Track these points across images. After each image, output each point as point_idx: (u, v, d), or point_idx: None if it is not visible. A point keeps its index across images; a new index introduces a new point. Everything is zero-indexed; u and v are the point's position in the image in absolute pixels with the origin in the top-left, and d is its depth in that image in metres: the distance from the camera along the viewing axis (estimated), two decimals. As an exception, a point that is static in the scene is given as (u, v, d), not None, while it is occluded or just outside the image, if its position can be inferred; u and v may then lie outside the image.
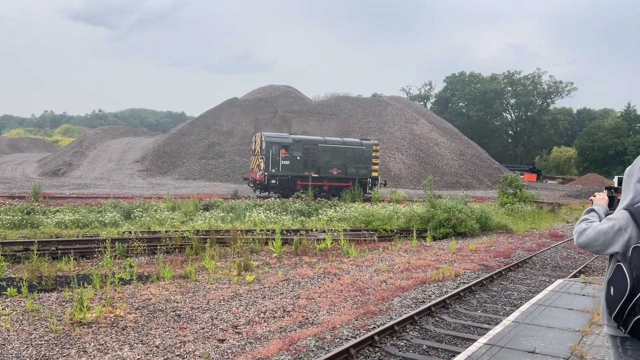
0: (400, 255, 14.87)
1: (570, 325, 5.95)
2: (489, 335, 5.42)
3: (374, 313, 8.74)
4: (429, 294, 10.23)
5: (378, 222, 20.02)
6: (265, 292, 10.21)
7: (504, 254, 15.22)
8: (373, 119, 60.39)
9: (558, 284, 8.36)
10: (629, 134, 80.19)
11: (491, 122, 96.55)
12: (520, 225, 22.89)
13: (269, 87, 65.17)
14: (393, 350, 6.95)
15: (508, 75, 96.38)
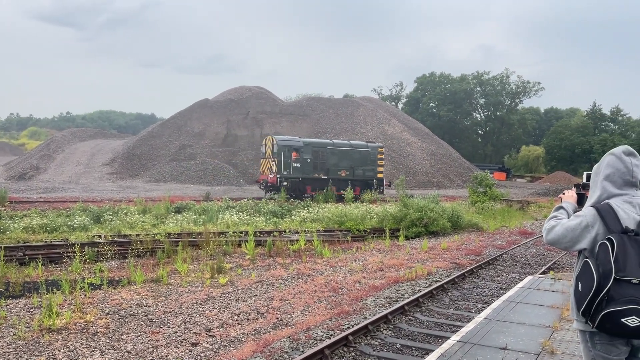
0: (374, 255, 14.94)
1: (541, 321, 6.06)
2: (461, 332, 5.49)
3: (348, 313, 8.76)
4: (402, 292, 10.30)
5: (351, 222, 20.09)
6: (239, 294, 10.14)
7: (475, 252, 15.43)
8: (345, 119, 60.61)
9: (528, 280, 8.51)
10: (594, 133, 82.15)
11: (461, 122, 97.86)
12: (491, 223, 23.23)
13: (241, 88, 64.86)
14: (367, 349, 6.97)
15: (477, 75, 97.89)
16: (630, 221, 2.74)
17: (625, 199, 2.83)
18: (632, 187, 2.86)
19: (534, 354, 4.90)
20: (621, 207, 2.79)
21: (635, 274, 2.54)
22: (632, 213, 2.77)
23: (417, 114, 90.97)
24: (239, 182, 45.63)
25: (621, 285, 2.55)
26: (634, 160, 2.89)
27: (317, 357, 6.42)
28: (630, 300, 2.51)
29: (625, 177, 2.86)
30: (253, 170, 50.06)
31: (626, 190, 2.85)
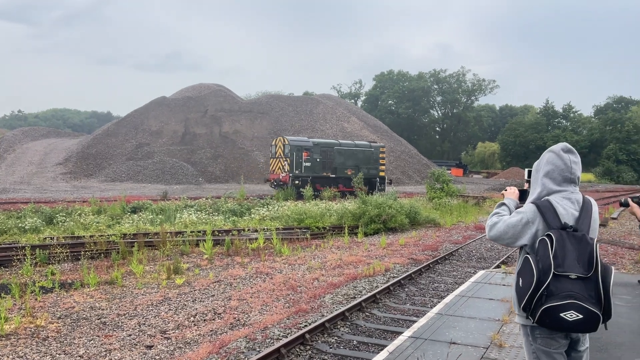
0: (333, 252, 15.02)
1: (491, 315, 6.22)
2: (413, 328, 5.58)
3: (305, 311, 8.79)
4: (360, 289, 10.39)
5: (311, 219, 20.13)
6: (196, 294, 10.04)
7: (432, 247, 15.69)
8: (305, 117, 60.67)
9: (480, 274, 8.72)
10: (547, 129, 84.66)
11: (419, 119, 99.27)
12: (448, 219, 23.66)
13: (199, 85, 64.10)
14: (324, 347, 7.02)
15: (434, 73, 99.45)
16: (569, 217, 2.81)
17: (564, 195, 2.89)
18: (571, 184, 2.92)
19: (482, 347, 5.03)
20: (560, 204, 2.86)
21: (574, 270, 2.60)
22: (570, 209, 2.84)
23: (376, 112, 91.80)
24: (197, 181, 45.11)
25: (560, 281, 2.60)
26: (572, 157, 2.94)
27: (273, 356, 6.42)
28: (568, 295, 2.57)
29: (564, 174, 2.91)
30: (212, 169, 49.58)
31: (565, 186, 2.91)
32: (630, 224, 20.56)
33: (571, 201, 2.88)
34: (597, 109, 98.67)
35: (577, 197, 2.91)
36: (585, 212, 2.85)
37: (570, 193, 2.91)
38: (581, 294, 2.57)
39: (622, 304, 6.54)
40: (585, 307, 2.55)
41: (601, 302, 2.58)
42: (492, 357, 4.78)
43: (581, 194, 2.94)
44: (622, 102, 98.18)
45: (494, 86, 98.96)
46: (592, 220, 2.86)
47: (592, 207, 2.90)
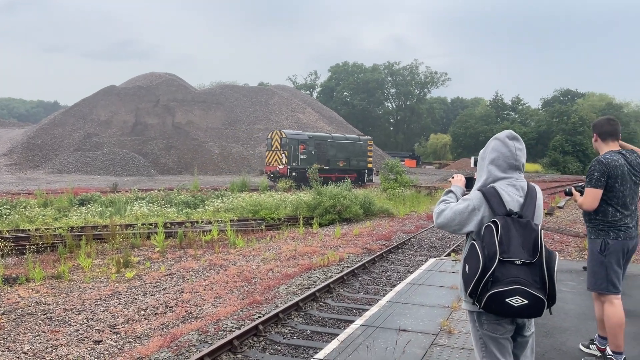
0: (288, 243, 15.01)
1: (441, 301, 6.35)
2: (365, 316, 5.63)
3: (259, 302, 8.76)
4: (314, 279, 10.42)
5: (266, 211, 20.05)
6: (147, 288, 9.85)
7: (386, 237, 15.88)
8: (260, 107, 60.25)
9: (431, 262, 8.88)
10: (497, 121, 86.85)
11: (374, 111, 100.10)
12: (401, 209, 24.00)
13: (151, 74, 62.67)
14: (278, 338, 7.00)
15: (388, 65, 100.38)
16: (514, 204, 2.84)
17: (509, 182, 2.91)
18: (516, 171, 2.95)
19: (432, 334, 5.12)
20: (505, 191, 2.87)
21: (519, 255, 2.62)
22: (515, 196, 2.87)
23: (332, 103, 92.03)
24: (149, 173, 44.21)
25: (505, 267, 2.63)
26: (517, 144, 2.96)
27: (225, 348, 6.37)
28: (513, 281, 2.60)
29: (509, 161, 2.94)
30: (165, 160, 48.69)
31: (510, 173, 2.94)
32: (576, 213, 21.36)
33: (516, 188, 2.91)
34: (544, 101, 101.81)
35: (522, 183, 2.94)
36: (530, 198, 2.90)
37: (515, 180, 2.94)
38: (526, 279, 2.60)
39: (568, 290, 6.78)
40: (530, 293, 2.58)
41: (546, 288, 2.62)
42: (441, 344, 4.87)
43: (526, 181, 2.98)
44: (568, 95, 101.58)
45: (445, 79, 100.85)
46: (537, 207, 2.90)
47: (536, 194, 2.94)
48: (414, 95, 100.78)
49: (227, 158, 51.42)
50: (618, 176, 4.21)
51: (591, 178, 4.25)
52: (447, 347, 4.78)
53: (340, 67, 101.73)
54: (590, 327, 5.39)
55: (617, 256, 4.28)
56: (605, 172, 4.20)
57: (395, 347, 4.65)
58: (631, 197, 4.29)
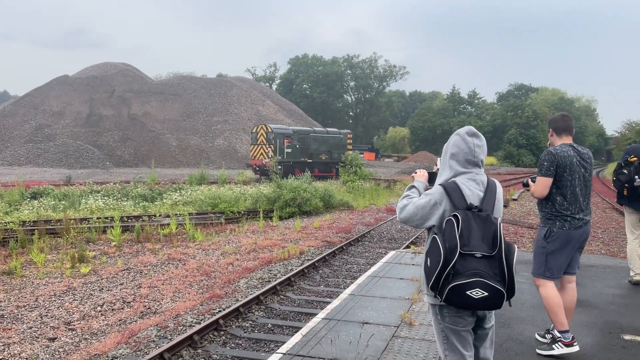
0: (248, 236, 14.91)
1: (401, 294, 6.42)
2: (327, 309, 5.65)
3: (220, 297, 8.67)
4: (275, 273, 10.40)
5: (225, 204, 19.85)
6: (103, 283, 9.62)
7: (346, 230, 15.97)
8: (218, 99, 59.52)
9: (391, 255, 8.96)
10: (454, 115, 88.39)
11: (333, 104, 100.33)
12: (360, 202, 24.17)
13: (105, 64, 61.04)
14: (238, 332, 6.95)
15: (347, 58, 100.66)
16: (475, 198, 2.89)
17: (470, 176, 2.98)
18: (476, 166, 3.01)
19: (393, 326, 5.17)
20: (466, 185, 2.94)
21: (479, 248, 2.66)
22: (476, 190, 2.92)
23: (291, 95, 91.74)
24: (105, 165, 43.14)
25: (466, 260, 2.67)
26: (475, 140, 3.01)
27: (185, 344, 6.28)
28: (474, 274, 2.64)
29: (468, 157, 3.00)
30: (121, 152, 47.60)
31: (470, 168, 2.99)
32: (529, 205, 21.97)
33: (476, 182, 2.95)
34: (499, 95, 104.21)
35: (482, 178, 2.99)
36: (489, 192, 2.96)
37: (475, 174, 2.99)
38: (486, 272, 2.65)
39: (523, 281, 6.96)
40: (490, 285, 2.63)
41: (505, 280, 2.67)
42: (402, 335, 4.93)
43: (486, 176, 3.03)
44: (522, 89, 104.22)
45: (404, 72, 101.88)
46: (497, 201, 2.96)
47: (496, 188, 2.99)
48: (373, 88, 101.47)
49: (185, 150, 50.66)
50: (567, 166, 4.41)
51: (541, 167, 4.47)
52: (408, 338, 4.84)
53: (299, 60, 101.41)
54: (546, 317, 5.55)
55: (560, 244, 4.45)
56: (554, 162, 4.42)
57: (359, 340, 4.67)
58: (581, 187, 4.48)
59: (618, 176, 6.83)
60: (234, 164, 48.46)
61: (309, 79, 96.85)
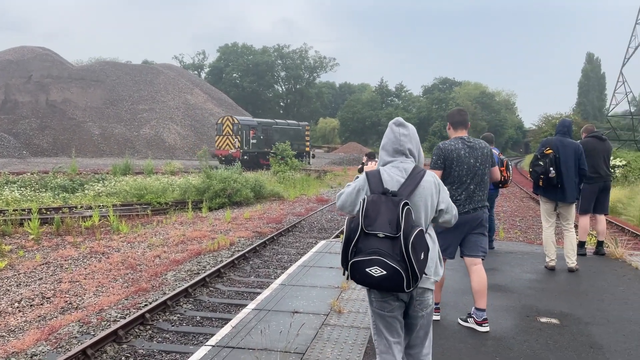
0: (176, 228, 14.60)
1: (331, 282, 6.50)
2: (257, 300, 5.63)
3: (146, 290, 8.46)
4: (204, 264, 10.26)
5: (152, 195, 19.32)
6: (21, 278, 9.15)
7: (276, 220, 15.97)
8: (144, 87, 57.61)
9: (321, 244, 9.05)
10: (382, 107, 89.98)
11: (264, 94, 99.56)
12: (291, 192, 24.21)
13: (22, 48, 57.55)
14: (166, 325, 6.82)
15: (278, 48, 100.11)
16: (393, 183, 3.01)
17: (394, 164, 3.13)
18: (402, 155, 3.14)
19: (323, 314, 5.23)
20: (387, 172, 3.08)
21: (382, 229, 2.76)
22: (396, 176, 3.05)
23: (221, 84, 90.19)
24: (21, 154, 40.84)
25: (369, 239, 2.78)
26: (402, 130, 3.18)
27: (109, 339, 6.09)
28: (374, 252, 2.74)
29: (395, 146, 3.15)
30: (39, 141, 45.21)
31: (397, 157, 3.15)
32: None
33: (399, 169, 3.09)
34: (425, 88, 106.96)
35: (407, 166, 3.10)
36: (411, 179, 3.05)
37: (400, 162, 3.12)
38: (386, 251, 2.73)
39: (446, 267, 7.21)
40: (388, 264, 2.70)
41: (405, 261, 2.73)
42: (331, 323, 4.99)
43: (413, 164, 3.14)
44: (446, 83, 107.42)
45: (334, 64, 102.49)
46: (421, 188, 3.03)
47: (422, 177, 3.08)
48: (304, 79, 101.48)
49: (109, 139, 48.76)
50: (454, 159, 4.82)
51: (432, 161, 4.94)
52: (337, 326, 4.91)
53: (229, 48, 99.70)
54: (468, 302, 5.79)
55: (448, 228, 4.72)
56: (442, 156, 4.85)
57: (289, 330, 4.69)
58: (471, 177, 4.86)
59: (534, 167, 7.20)
60: (161, 154, 47.19)
61: (239, 68, 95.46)
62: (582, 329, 4.98)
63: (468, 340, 4.65)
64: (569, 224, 7.40)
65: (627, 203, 18.82)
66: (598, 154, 8.12)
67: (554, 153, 7.02)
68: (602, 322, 5.18)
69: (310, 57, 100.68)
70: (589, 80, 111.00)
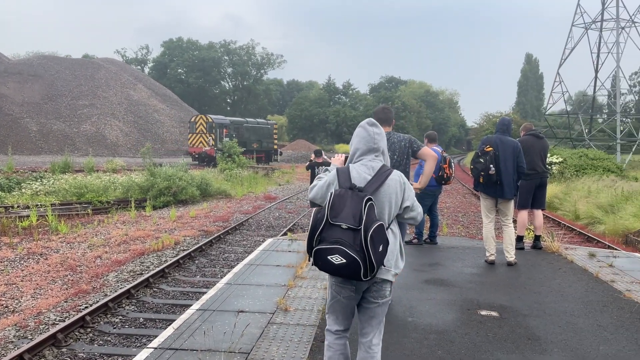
0: (118, 227, 14.22)
1: (277, 280, 6.48)
2: (202, 300, 5.55)
3: (86, 292, 8.21)
4: (147, 265, 10.04)
5: (92, 194, 18.73)
6: (-50, 283, 8.68)
7: (223, 218, 15.80)
8: (85, 82, 55.73)
9: (269, 242, 9.01)
10: (329, 104, 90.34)
11: (210, 90, 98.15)
12: (239, 190, 24.01)
13: (-49, 39, 54.55)
14: (107, 328, 6.63)
15: (224, 44, 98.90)
16: (360, 180, 3.21)
17: (363, 162, 3.32)
18: (373, 153, 3.35)
19: (269, 313, 5.22)
20: (356, 169, 3.28)
21: (346, 221, 2.95)
22: (363, 173, 3.24)
23: (165, 80, 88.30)
24: (-49, 152, 38.77)
25: (332, 229, 2.97)
26: (376, 129, 3.39)
27: (48, 343, 5.87)
28: (336, 241, 2.93)
29: (368, 145, 3.35)
30: (-30, 138, 43.00)
31: (368, 155, 3.34)
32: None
33: (367, 167, 3.28)
34: (371, 87, 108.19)
35: (375, 164, 3.31)
36: (377, 177, 3.25)
37: (369, 160, 3.32)
38: (348, 241, 2.92)
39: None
40: (347, 253, 2.89)
41: (364, 252, 2.91)
42: (278, 322, 4.98)
43: (381, 163, 3.34)
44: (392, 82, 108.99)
45: (281, 61, 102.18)
46: (386, 186, 3.23)
47: (388, 176, 3.25)
48: (251, 76, 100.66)
49: (47, 136, 46.92)
50: None
51: None
52: (283, 324, 4.91)
53: (174, 43, 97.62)
54: (412, 297, 5.91)
55: None
56: None
57: (233, 330, 4.65)
58: None
59: (475, 165, 7.42)
60: (103, 151, 45.82)
61: (184, 63, 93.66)
62: (520, 321, 5.17)
63: (411, 334, 4.75)
64: (508, 220, 7.67)
65: (563, 198, 19.67)
66: (535, 151, 8.43)
67: (493, 151, 7.24)
68: (539, 314, 5.40)
69: (257, 54, 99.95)
70: (527, 80, 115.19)
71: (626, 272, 7.32)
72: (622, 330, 4.97)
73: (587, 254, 8.55)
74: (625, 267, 7.64)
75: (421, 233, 9.15)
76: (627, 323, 5.18)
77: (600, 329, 5.01)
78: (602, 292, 6.30)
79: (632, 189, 16.77)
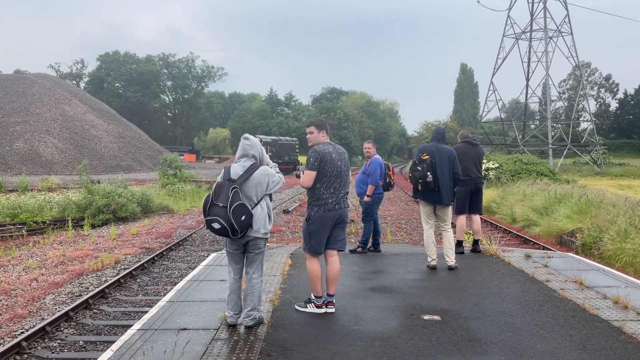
0: (54, 248, 13.68)
1: (221, 295, 6.39)
2: (143, 319, 5.40)
3: (22, 316, 7.85)
4: (86, 285, 9.70)
5: (27, 214, 17.95)
6: None
7: (166, 234, 15.47)
8: (16, 98, 53.50)
9: (212, 257, 8.89)
10: (272, 116, 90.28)
11: (149, 104, 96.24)
12: (181, 205, 23.58)
13: None
14: (45, 353, 6.36)
15: (163, 57, 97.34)
16: (235, 175, 4.95)
17: (240, 163, 5.08)
18: (246, 157, 5.11)
19: (213, 329, 5.15)
20: (234, 168, 5.03)
21: (221, 201, 4.73)
22: (237, 171, 4.99)
23: (102, 94, 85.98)
24: None
25: (214, 207, 4.77)
26: (246, 142, 5.14)
27: (-21, 374, 5.57)
28: (216, 214, 4.71)
29: (241, 152, 5.15)
30: None
31: (243, 158, 5.12)
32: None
33: (241, 166, 5.03)
34: (314, 98, 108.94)
35: (246, 164, 5.04)
36: (246, 173, 4.95)
37: (243, 162, 5.08)
38: (221, 214, 4.68)
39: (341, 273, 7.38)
40: (221, 222, 4.67)
41: (230, 221, 4.65)
42: (222, 338, 4.92)
43: (251, 163, 5.04)
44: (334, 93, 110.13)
45: (222, 73, 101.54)
46: (252, 178, 4.96)
47: (255, 171, 5.00)
48: (192, 89, 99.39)
49: (-24, 155, 44.66)
50: (327, 161, 5.44)
51: (308, 162, 5.48)
52: (227, 340, 4.86)
53: (110, 57, 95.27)
54: (358, 305, 5.97)
55: (317, 226, 5.46)
56: (318, 158, 5.44)
57: (174, 348, 4.56)
58: (339, 178, 5.52)
59: (413, 173, 7.61)
60: (37, 169, 44.03)
61: (121, 77, 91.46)
62: (461, 324, 5.31)
63: (357, 343, 4.80)
64: (447, 225, 7.89)
65: (500, 202, 20.38)
66: (469, 158, 8.73)
67: (430, 158, 7.45)
68: (479, 316, 5.57)
69: (197, 67, 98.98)
70: (463, 89, 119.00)
71: (560, 272, 7.66)
72: (558, 328, 5.19)
73: (524, 255, 8.90)
74: (560, 267, 8.00)
75: (366, 242, 9.27)
76: (562, 321, 5.43)
77: (537, 327, 5.22)
78: (538, 291, 6.57)
79: (564, 192, 17.56)
